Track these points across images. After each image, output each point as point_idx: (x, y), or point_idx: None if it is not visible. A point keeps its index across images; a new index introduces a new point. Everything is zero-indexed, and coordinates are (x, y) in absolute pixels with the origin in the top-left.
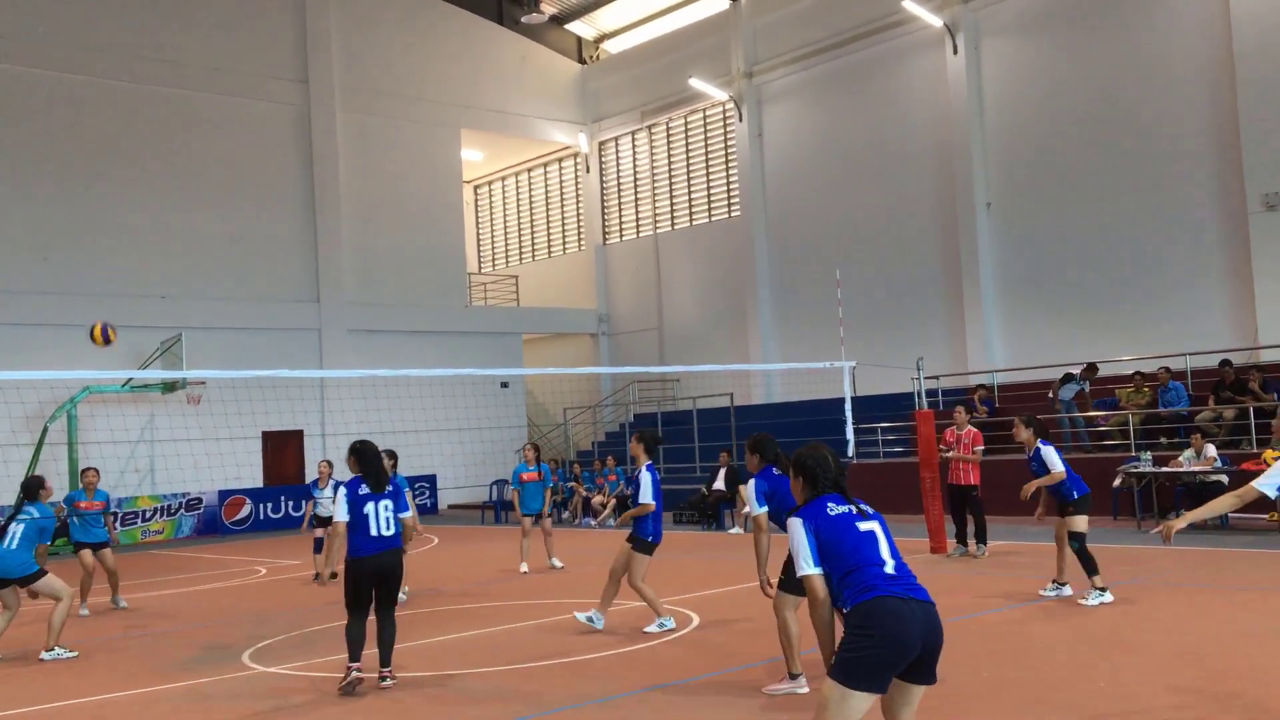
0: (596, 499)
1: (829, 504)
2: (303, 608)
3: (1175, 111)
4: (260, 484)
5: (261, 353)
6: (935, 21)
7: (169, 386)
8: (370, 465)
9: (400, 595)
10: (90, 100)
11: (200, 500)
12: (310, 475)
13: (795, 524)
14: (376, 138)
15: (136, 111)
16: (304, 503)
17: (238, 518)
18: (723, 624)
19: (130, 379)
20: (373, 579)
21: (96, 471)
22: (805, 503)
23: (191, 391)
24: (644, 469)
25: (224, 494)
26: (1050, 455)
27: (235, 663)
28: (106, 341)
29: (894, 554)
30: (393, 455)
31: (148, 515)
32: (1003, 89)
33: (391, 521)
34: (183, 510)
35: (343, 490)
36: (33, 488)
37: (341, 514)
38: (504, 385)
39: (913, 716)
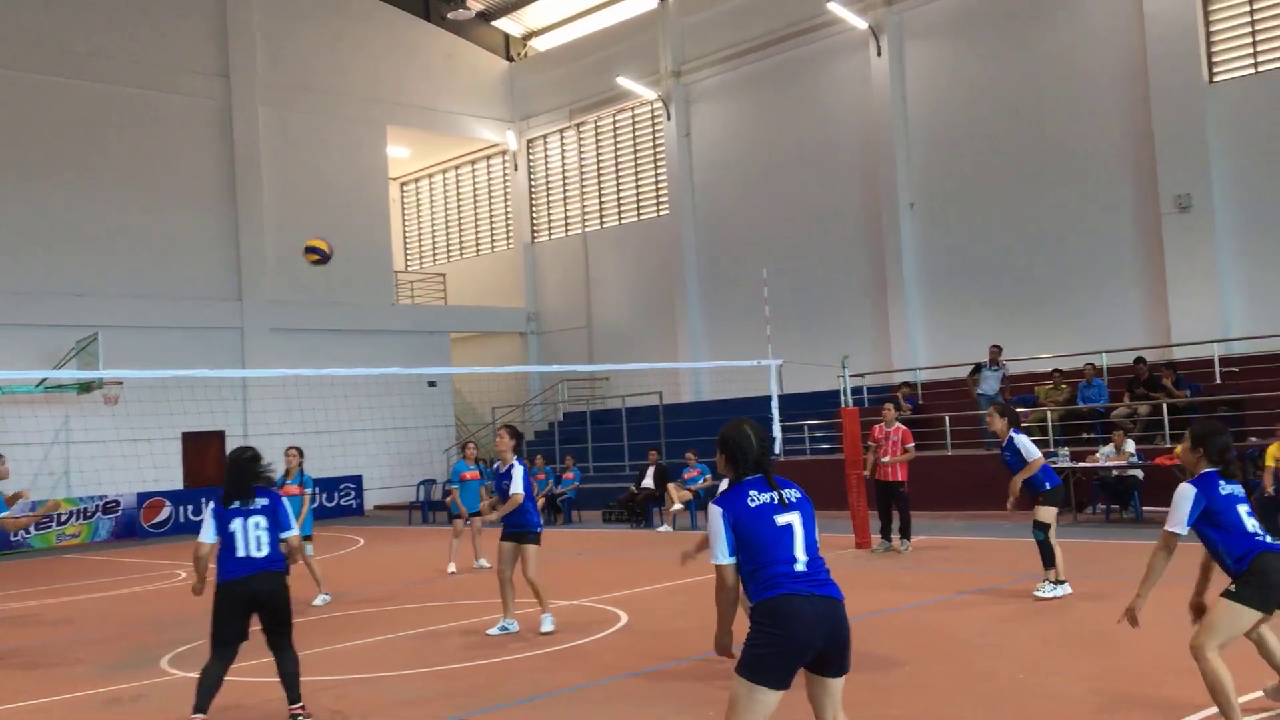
0: None
1: (751, 492)
2: None
3: (1092, 114)
4: (180, 486)
5: (181, 352)
6: (860, 24)
7: (85, 387)
8: (229, 475)
9: (322, 598)
10: None
11: (118, 503)
12: None
13: (715, 513)
14: (300, 134)
15: (50, 104)
16: None
17: (157, 520)
18: (651, 622)
19: (44, 379)
20: (245, 608)
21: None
22: (730, 484)
23: (108, 392)
24: (515, 462)
25: (142, 496)
26: (1025, 443)
27: (154, 668)
28: (324, 256)
29: (809, 548)
30: (299, 452)
31: (63, 519)
32: (925, 91)
33: (264, 541)
34: (100, 513)
35: (210, 507)
36: None
37: (206, 534)
38: (432, 384)
39: (837, 706)
